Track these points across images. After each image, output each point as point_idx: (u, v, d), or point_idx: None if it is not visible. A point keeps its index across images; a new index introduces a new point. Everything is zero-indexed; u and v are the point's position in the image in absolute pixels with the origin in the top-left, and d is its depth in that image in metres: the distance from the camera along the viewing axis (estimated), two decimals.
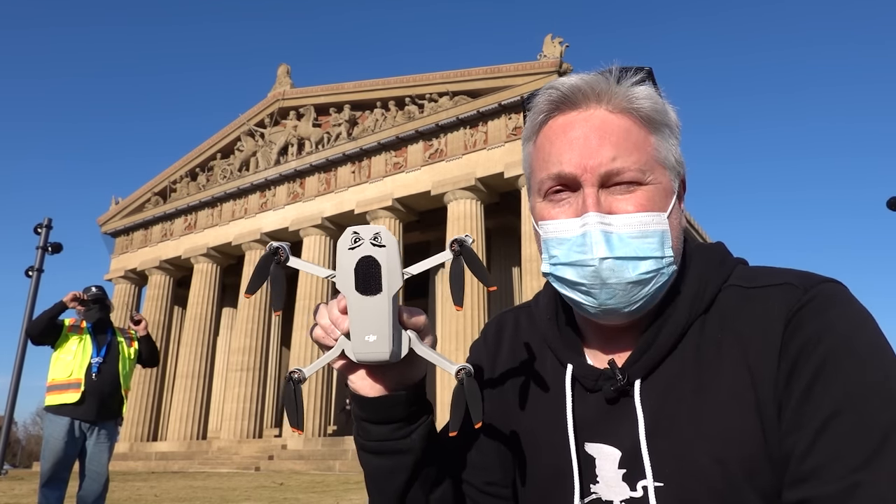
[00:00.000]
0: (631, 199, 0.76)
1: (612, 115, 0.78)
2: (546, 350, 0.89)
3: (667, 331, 0.78)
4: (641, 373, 0.78)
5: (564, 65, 21.59)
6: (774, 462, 0.69)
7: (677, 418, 0.75)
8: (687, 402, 0.75)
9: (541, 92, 0.82)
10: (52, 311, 5.02)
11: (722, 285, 0.80)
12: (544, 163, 0.80)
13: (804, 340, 0.70)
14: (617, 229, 0.74)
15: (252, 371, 25.88)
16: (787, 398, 0.69)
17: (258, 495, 10.98)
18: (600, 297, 0.75)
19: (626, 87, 0.79)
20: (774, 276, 0.78)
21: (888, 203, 8.81)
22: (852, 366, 0.67)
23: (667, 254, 0.76)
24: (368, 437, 0.82)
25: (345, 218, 25.60)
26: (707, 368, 0.75)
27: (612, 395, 0.79)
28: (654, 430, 0.75)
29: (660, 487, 0.74)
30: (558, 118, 0.80)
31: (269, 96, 29.30)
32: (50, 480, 4.83)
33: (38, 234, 8.69)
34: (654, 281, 0.76)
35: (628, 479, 0.77)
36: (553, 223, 0.79)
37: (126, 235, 33.39)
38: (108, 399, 5.04)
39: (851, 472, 0.63)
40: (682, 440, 0.74)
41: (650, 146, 0.78)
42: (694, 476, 0.72)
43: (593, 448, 0.81)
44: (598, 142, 0.76)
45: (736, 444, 0.71)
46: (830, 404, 0.66)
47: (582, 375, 0.82)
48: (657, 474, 0.74)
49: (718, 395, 0.73)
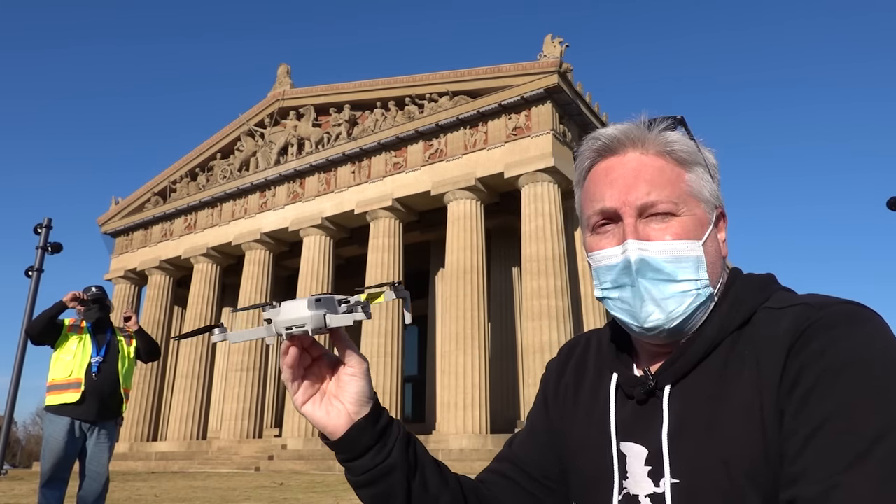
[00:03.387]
0: (666, 228, 0.86)
1: (647, 157, 0.89)
2: (606, 367, 1.00)
3: (697, 343, 0.86)
4: (670, 379, 0.87)
5: (564, 65, 21.57)
6: (774, 466, 0.75)
7: (696, 422, 0.82)
8: (706, 408, 0.82)
9: (585, 141, 0.94)
10: (52, 311, 5.01)
11: (759, 307, 0.86)
12: (591, 201, 0.91)
13: (808, 354, 0.75)
14: (653, 254, 0.84)
15: (252, 371, 25.87)
16: (788, 407, 0.75)
17: (258, 495, 10.98)
18: (641, 317, 0.85)
19: (656, 132, 0.89)
20: (800, 299, 0.84)
21: (888, 203, 8.80)
22: (849, 379, 0.71)
23: (701, 277, 0.85)
24: (357, 474, 0.88)
25: (345, 218, 25.59)
26: (728, 380, 0.82)
27: (642, 398, 0.89)
28: (676, 431, 0.83)
29: (676, 484, 0.81)
30: (601, 163, 0.92)
31: (269, 96, 29.29)
32: (50, 480, 4.82)
33: (38, 234, 8.69)
34: (691, 301, 0.84)
35: (653, 475, 0.85)
36: (600, 252, 0.89)
37: (126, 235, 33.38)
38: (108, 399, 5.03)
39: (832, 475, 0.67)
40: (696, 442, 0.81)
41: (683, 182, 0.88)
42: (703, 475, 0.79)
43: (626, 447, 0.90)
44: (634, 179, 0.87)
45: (741, 448, 0.77)
46: (823, 413, 0.71)
47: (624, 383, 0.93)
48: (674, 472, 0.82)
49: (732, 403, 0.80)
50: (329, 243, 25.95)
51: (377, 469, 0.86)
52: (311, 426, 22.98)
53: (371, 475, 0.87)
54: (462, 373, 20.17)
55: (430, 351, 25.42)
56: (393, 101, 25.07)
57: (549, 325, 19.34)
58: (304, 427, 23.10)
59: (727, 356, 0.83)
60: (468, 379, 20.03)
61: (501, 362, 22.73)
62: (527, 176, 20.84)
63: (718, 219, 0.91)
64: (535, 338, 19.37)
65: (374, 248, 23.66)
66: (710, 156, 0.92)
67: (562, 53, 21.70)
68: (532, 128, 21.47)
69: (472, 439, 19.23)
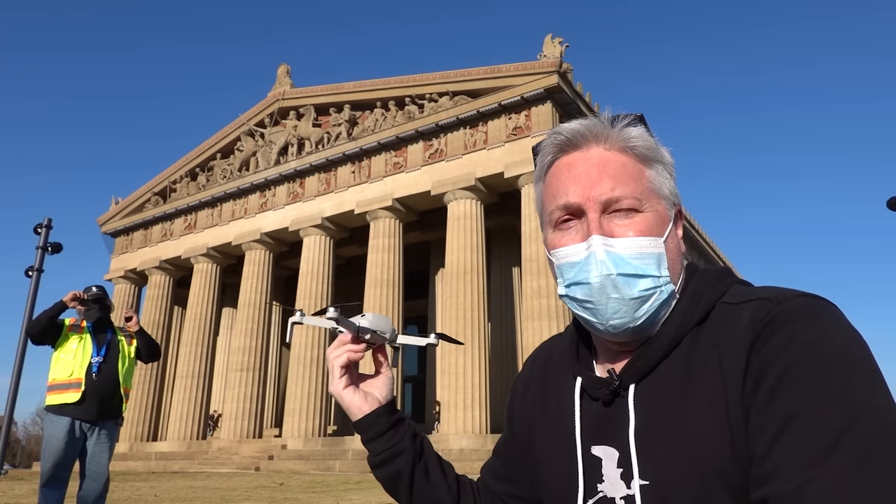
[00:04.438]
0: (630, 224, 0.85)
1: (610, 153, 0.88)
2: (569, 371, 0.99)
3: (658, 341, 0.85)
4: (634, 378, 0.85)
5: (564, 65, 21.57)
6: (742, 464, 0.74)
7: (662, 421, 0.81)
8: (671, 407, 0.81)
9: (547, 137, 0.93)
10: (52, 311, 5.00)
11: (716, 302, 0.86)
12: (553, 197, 0.90)
13: (770, 349, 0.75)
14: (618, 250, 0.83)
15: (252, 371, 25.87)
16: (753, 404, 0.74)
17: (258, 495, 10.98)
18: (606, 314, 0.84)
19: (619, 128, 0.89)
20: (757, 292, 0.83)
21: (888, 203, 8.80)
22: (813, 373, 0.71)
23: (663, 273, 0.84)
24: (375, 454, 1.04)
25: (345, 218, 25.59)
26: (692, 377, 0.81)
27: (608, 398, 0.88)
28: (643, 431, 0.82)
29: (645, 486, 0.80)
30: (563, 158, 0.91)
31: (269, 96, 29.29)
32: (50, 480, 4.82)
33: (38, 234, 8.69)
34: (654, 298, 0.84)
35: (624, 477, 0.83)
36: (563, 249, 0.88)
37: (126, 235, 33.38)
38: (108, 399, 5.02)
39: (801, 471, 0.67)
40: (664, 442, 0.80)
41: (645, 178, 0.88)
42: (671, 475, 0.78)
43: (599, 450, 0.88)
44: (598, 175, 0.86)
45: (708, 446, 0.76)
46: (789, 409, 0.70)
47: (588, 385, 0.92)
48: (643, 473, 0.81)
49: (698, 400, 0.79)
50: (329, 243, 25.94)
51: (389, 451, 1.02)
52: (311, 426, 23.04)
53: (384, 456, 1.02)
54: (462, 373, 20.18)
55: (430, 351, 25.40)
56: (393, 101, 25.07)
57: (549, 325, 19.34)
58: (304, 427, 23.12)
59: (689, 353, 0.83)
60: (468, 379, 20.04)
61: (501, 362, 22.73)
62: (527, 176, 20.82)
63: (676, 216, 0.92)
64: (535, 338, 19.36)
65: (374, 248, 23.66)
66: (667, 154, 0.92)
67: (562, 53, 21.69)
68: (532, 128, 21.47)
69: (472, 439, 19.24)
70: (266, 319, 26.99)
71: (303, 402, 23.38)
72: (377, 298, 22.89)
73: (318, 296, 24.89)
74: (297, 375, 23.83)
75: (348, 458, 20.02)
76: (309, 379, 23.71)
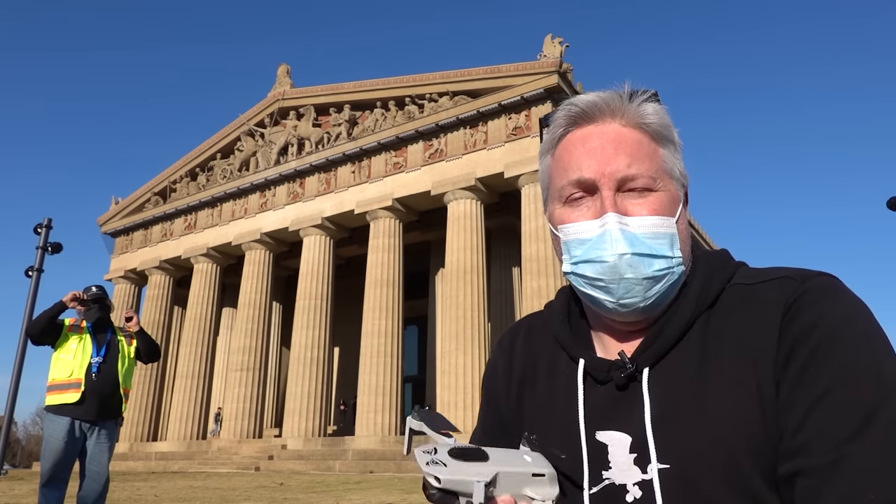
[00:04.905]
0: (644, 203, 0.83)
1: (626, 129, 0.86)
2: (559, 350, 0.95)
3: (674, 323, 0.84)
4: (649, 361, 0.84)
5: (564, 65, 21.57)
6: (774, 442, 0.74)
7: (681, 404, 0.80)
8: (690, 389, 0.80)
9: (560, 108, 0.89)
10: (52, 311, 5.00)
11: (726, 284, 0.86)
12: (564, 171, 0.87)
13: (801, 327, 0.75)
14: (633, 229, 0.81)
15: (252, 371, 25.86)
16: (784, 380, 0.74)
17: (258, 495, 10.98)
18: (618, 293, 0.82)
19: (636, 104, 0.86)
20: (773, 273, 0.84)
21: (888, 203, 8.81)
22: (844, 349, 0.72)
23: (676, 254, 0.83)
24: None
25: (345, 218, 25.59)
26: (710, 358, 0.80)
27: (623, 382, 0.85)
28: (660, 415, 0.80)
29: (664, 469, 0.79)
30: (576, 132, 0.88)
31: (269, 96, 29.29)
32: (50, 480, 4.82)
33: (38, 234, 8.69)
34: (667, 279, 0.83)
35: (639, 462, 0.81)
36: (574, 225, 0.85)
37: (126, 235, 33.38)
38: (108, 399, 5.02)
39: (838, 445, 0.67)
40: (685, 424, 0.79)
41: (659, 157, 0.86)
42: (695, 458, 0.77)
43: (605, 436, 0.85)
44: (614, 151, 0.84)
45: (736, 426, 0.75)
46: (822, 384, 0.71)
47: (593, 368, 0.88)
48: (662, 457, 0.79)
49: (719, 381, 0.78)
50: (329, 243, 25.94)
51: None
52: (311, 426, 23.01)
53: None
54: (462, 373, 20.17)
55: (430, 351, 25.41)
56: (393, 101, 25.07)
57: None
58: (304, 427, 23.11)
59: (703, 334, 0.82)
60: (468, 379, 20.03)
61: None
62: (527, 176, 20.83)
63: (685, 198, 0.91)
64: None
65: (374, 248, 23.65)
66: (677, 135, 0.90)
67: (562, 53, 21.69)
68: (532, 128, 21.46)
69: None
70: (266, 319, 26.99)
71: (303, 402, 23.37)
72: (377, 298, 22.89)
73: (318, 296, 24.88)
74: (297, 375, 23.82)
75: (348, 458, 20.01)
76: (309, 379, 23.70)
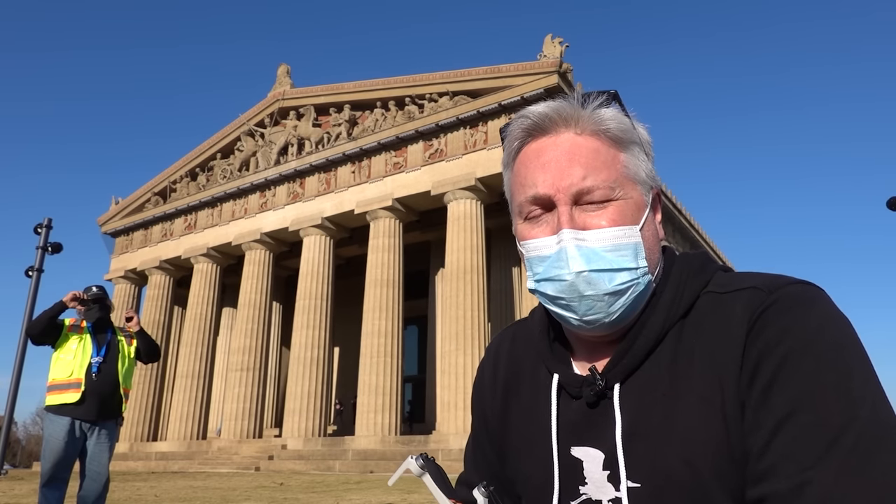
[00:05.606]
0: (603, 214, 0.80)
1: (581, 138, 0.82)
2: (539, 362, 0.93)
3: (643, 336, 0.81)
4: (619, 377, 0.81)
5: (564, 65, 21.57)
6: (739, 462, 0.71)
7: (651, 421, 0.77)
8: (660, 406, 0.78)
9: (513, 121, 0.87)
10: (52, 311, 5.00)
11: (700, 292, 0.82)
12: (521, 187, 0.84)
13: (765, 342, 0.72)
14: (591, 244, 0.78)
15: (252, 371, 25.86)
16: (749, 399, 0.72)
17: (258, 495, 10.98)
18: (580, 310, 0.80)
19: (590, 110, 0.82)
20: (745, 281, 0.80)
21: (888, 203, 8.80)
22: (810, 366, 0.69)
23: (641, 265, 0.80)
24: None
25: (345, 218, 25.59)
26: (681, 373, 0.78)
27: (592, 399, 0.83)
28: (631, 432, 0.78)
29: (635, 488, 0.77)
30: (532, 144, 0.85)
31: (269, 96, 29.30)
32: (50, 480, 4.81)
33: (38, 234, 8.69)
34: (631, 291, 0.79)
35: (612, 479, 0.80)
36: (532, 242, 0.83)
37: (126, 235, 33.39)
38: (108, 399, 5.02)
39: (802, 470, 0.65)
40: (655, 442, 0.76)
41: (620, 164, 0.82)
42: (664, 477, 0.75)
43: (580, 451, 0.84)
44: (568, 163, 0.80)
45: (703, 445, 0.73)
46: (787, 404, 0.68)
47: (567, 383, 0.86)
48: (632, 475, 0.77)
49: (689, 398, 0.76)
50: (329, 243, 25.94)
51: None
52: (311, 426, 23.02)
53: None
54: (462, 373, 20.17)
55: (430, 351, 25.42)
56: (393, 101, 25.07)
57: None
58: (304, 427, 23.11)
59: (675, 347, 0.79)
60: (468, 379, 20.02)
61: None
62: None
63: (654, 200, 0.86)
64: None
65: (374, 248, 23.66)
66: (643, 132, 0.86)
67: (562, 53, 21.70)
68: None
69: None
70: (266, 319, 26.99)
71: (303, 402, 23.37)
72: (377, 298, 22.89)
73: (318, 296, 24.89)
74: (297, 375, 23.82)
75: (348, 458, 20.01)
76: (309, 379, 23.70)
